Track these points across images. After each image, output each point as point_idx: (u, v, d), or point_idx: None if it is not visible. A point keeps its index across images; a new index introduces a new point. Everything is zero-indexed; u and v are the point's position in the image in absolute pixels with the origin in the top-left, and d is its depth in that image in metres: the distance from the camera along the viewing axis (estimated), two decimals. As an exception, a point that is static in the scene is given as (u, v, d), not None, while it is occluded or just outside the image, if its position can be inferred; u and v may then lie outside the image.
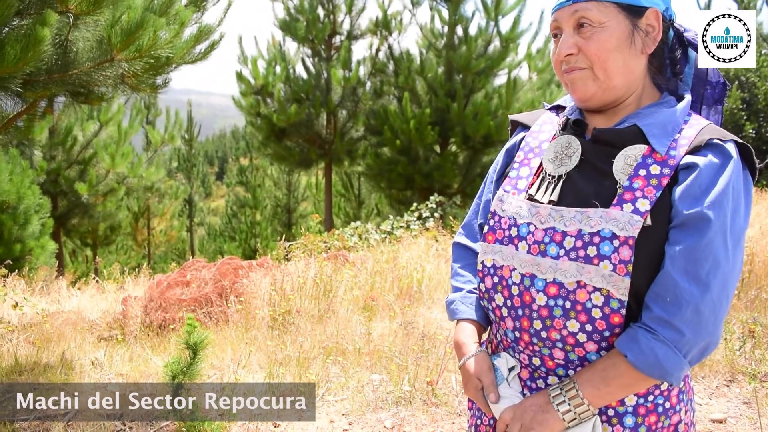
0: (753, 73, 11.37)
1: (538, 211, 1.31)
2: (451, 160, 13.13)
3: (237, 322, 5.04)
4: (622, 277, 1.20)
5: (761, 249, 5.68)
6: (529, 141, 1.46)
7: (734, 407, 3.72)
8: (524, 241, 1.31)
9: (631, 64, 1.29)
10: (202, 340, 2.91)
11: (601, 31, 1.26)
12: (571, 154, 1.34)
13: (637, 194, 1.22)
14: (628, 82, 1.30)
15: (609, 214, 1.22)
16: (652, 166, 1.24)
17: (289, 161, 14.94)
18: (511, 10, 12.94)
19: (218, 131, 73.85)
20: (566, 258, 1.25)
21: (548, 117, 1.49)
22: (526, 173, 1.41)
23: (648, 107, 1.32)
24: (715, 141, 1.23)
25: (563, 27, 1.31)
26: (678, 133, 1.27)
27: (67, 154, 12.75)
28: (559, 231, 1.27)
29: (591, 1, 1.26)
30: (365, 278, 5.96)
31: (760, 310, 4.96)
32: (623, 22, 1.27)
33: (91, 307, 6.19)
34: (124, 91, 4.39)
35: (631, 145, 1.27)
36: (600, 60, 1.26)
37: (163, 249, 19.92)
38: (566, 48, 1.29)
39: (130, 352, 4.65)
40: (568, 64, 1.30)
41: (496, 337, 1.45)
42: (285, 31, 14.21)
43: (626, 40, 1.27)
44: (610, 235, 1.21)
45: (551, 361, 1.31)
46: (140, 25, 3.28)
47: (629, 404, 1.29)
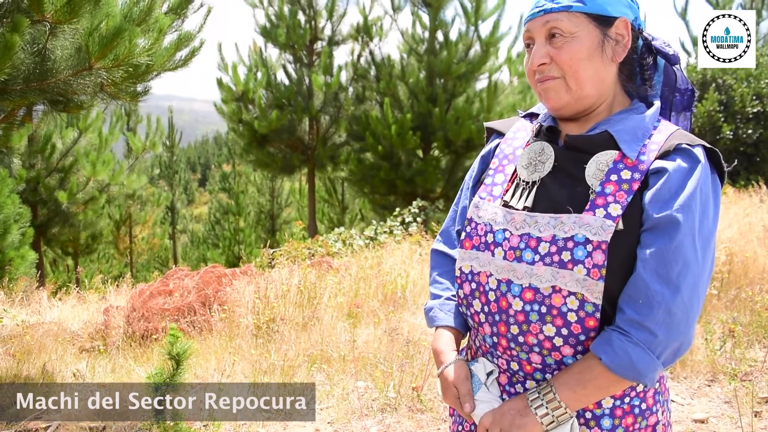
0: (729, 75, 11.51)
1: (513, 217, 1.33)
2: (433, 164, 13.16)
3: (221, 330, 5.00)
4: (596, 281, 1.21)
5: (740, 249, 5.74)
6: (504, 148, 1.48)
7: (716, 407, 3.76)
8: (500, 247, 1.33)
9: (602, 73, 1.31)
10: (186, 350, 2.88)
11: (572, 41, 1.28)
12: (544, 160, 1.36)
13: (609, 199, 1.24)
14: (599, 90, 1.32)
15: (582, 219, 1.24)
16: (623, 172, 1.26)
17: (271, 167, 14.89)
18: (491, 15, 13.01)
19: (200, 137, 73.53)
20: (541, 263, 1.26)
21: (522, 124, 1.51)
22: (500, 180, 1.43)
23: (619, 114, 1.35)
24: (684, 146, 1.26)
25: (535, 37, 1.33)
26: (648, 139, 1.29)
27: (47, 162, 12.60)
28: (534, 237, 1.29)
29: (562, 12, 1.29)
30: (349, 285, 5.94)
31: (739, 310, 5.01)
32: (593, 32, 1.29)
33: (73, 318, 6.12)
34: (103, 100, 4.35)
35: (603, 151, 1.30)
36: (572, 69, 1.29)
37: (145, 257, 19.73)
38: (539, 58, 1.31)
39: (112, 363, 4.60)
40: (542, 74, 1.32)
41: (475, 343, 1.46)
42: (266, 38, 14.17)
43: (597, 49, 1.29)
44: (584, 240, 1.23)
45: (529, 365, 1.33)
46: (118, 33, 3.26)
47: (606, 406, 1.31)
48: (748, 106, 11.24)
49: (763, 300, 4.92)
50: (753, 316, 4.82)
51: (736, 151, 11.33)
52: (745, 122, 11.31)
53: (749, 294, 5.04)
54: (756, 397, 3.68)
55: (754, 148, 11.35)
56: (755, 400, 3.63)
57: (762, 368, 4.09)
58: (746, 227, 6.55)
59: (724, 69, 11.64)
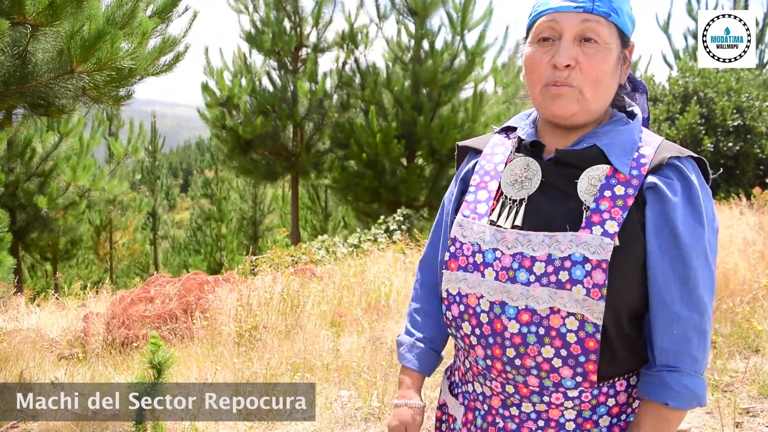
0: (711, 89, 11.64)
1: (504, 236, 1.27)
2: (417, 173, 13.18)
3: (203, 338, 4.95)
4: (597, 301, 1.18)
5: (721, 261, 5.79)
6: (484, 164, 1.42)
7: (697, 418, 3.77)
8: (491, 267, 1.27)
9: (613, 90, 1.29)
10: (167, 359, 2.84)
11: (605, 51, 1.23)
12: (531, 176, 1.31)
13: (605, 216, 1.21)
14: (604, 106, 1.30)
15: (579, 237, 1.20)
16: (616, 187, 1.23)
17: (255, 174, 14.83)
18: (477, 25, 13.08)
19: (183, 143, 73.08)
20: (538, 284, 1.22)
21: (499, 139, 1.45)
22: (484, 197, 1.37)
23: (604, 126, 1.31)
24: (675, 161, 1.24)
25: (564, 32, 1.23)
26: (636, 152, 1.26)
27: (26, 166, 12.43)
28: (528, 256, 1.24)
29: (602, 17, 1.22)
30: (333, 293, 5.91)
31: (720, 321, 5.04)
32: (618, 48, 1.26)
33: (51, 325, 6.02)
34: (85, 103, 4.29)
35: (593, 166, 1.26)
36: (596, 80, 1.23)
37: (126, 263, 19.53)
38: (567, 58, 1.22)
39: (92, 371, 4.53)
40: (560, 77, 1.23)
41: (464, 365, 1.42)
42: (251, 44, 14.14)
43: (617, 66, 1.27)
44: (582, 259, 1.19)
45: (525, 388, 1.28)
46: (100, 36, 3.21)
47: (603, 425, 1.28)
48: (729, 119, 11.38)
49: (744, 311, 4.96)
50: (734, 328, 4.86)
51: (716, 164, 11.46)
52: (725, 135, 11.46)
53: (730, 305, 5.08)
54: (737, 407, 3.70)
55: (735, 160, 11.49)
56: (737, 411, 3.65)
57: (743, 379, 4.11)
58: (727, 239, 6.61)
59: (705, 82, 11.78)
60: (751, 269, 5.77)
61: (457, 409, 1.44)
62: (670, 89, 12.50)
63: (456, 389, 1.47)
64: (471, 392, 1.40)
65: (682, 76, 12.52)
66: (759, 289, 5.36)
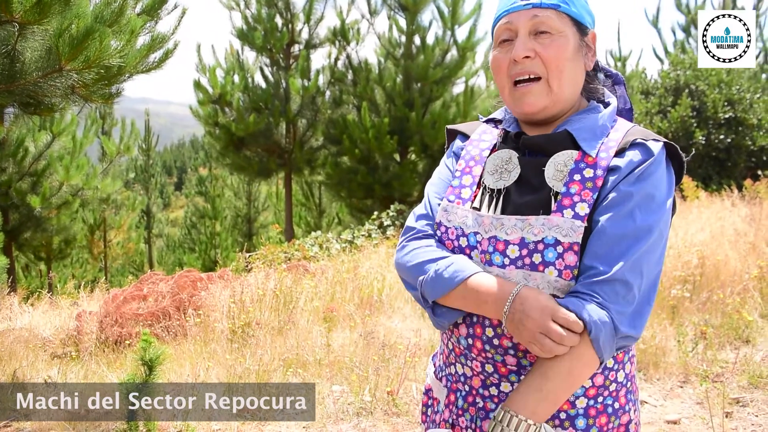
0: (702, 81, 11.67)
1: (482, 220, 1.33)
2: (410, 168, 13.19)
3: (195, 335, 4.95)
4: (568, 282, 1.23)
5: (711, 253, 5.82)
6: (470, 149, 1.47)
7: (688, 408, 3.80)
8: (475, 249, 1.33)
9: (579, 77, 1.34)
10: (159, 355, 2.85)
11: (560, 39, 1.29)
12: (510, 169, 1.35)
13: (575, 199, 1.25)
14: (574, 94, 1.34)
15: (551, 221, 1.24)
16: (585, 170, 1.27)
17: (248, 171, 14.81)
18: (467, 20, 13.09)
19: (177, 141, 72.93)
20: (513, 266, 1.26)
21: (486, 127, 1.51)
22: (468, 182, 1.41)
23: (577, 114, 1.36)
24: (639, 140, 1.28)
25: (519, 30, 1.31)
26: (606, 137, 1.31)
27: (19, 166, 12.38)
28: (501, 240, 1.28)
29: (551, 9, 1.29)
30: (326, 288, 5.92)
31: (711, 312, 5.08)
32: (575, 35, 1.31)
33: (44, 324, 6.01)
34: (75, 102, 4.28)
35: (560, 151, 1.30)
36: (557, 68, 1.29)
37: (120, 262, 19.50)
38: (524, 50, 1.29)
39: (85, 369, 4.53)
40: (523, 68, 1.30)
41: (448, 347, 1.44)
42: (243, 40, 14.10)
43: (578, 52, 1.32)
44: (554, 242, 1.23)
45: (504, 367, 1.31)
46: (88, 34, 3.21)
47: (580, 406, 1.31)
48: (720, 111, 11.42)
49: (734, 302, 5.00)
50: (724, 319, 4.89)
51: (708, 156, 11.50)
52: (717, 128, 11.49)
53: (720, 296, 5.11)
54: (727, 398, 3.73)
55: (726, 153, 11.53)
56: (726, 401, 3.68)
57: (733, 369, 4.14)
58: (718, 231, 6.65)
59: (696, 75, 11.81)
60: (742, 260, 5.81)
61: (441, 391, 1.47)
62: (661, 82, 12.53)
63: (440, 373, 1.50)
64: (453, 374, 1.43)
65: (673, 69, 12.55)
66: (749, 280, 5.39)
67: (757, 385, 3.95)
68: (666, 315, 4.95)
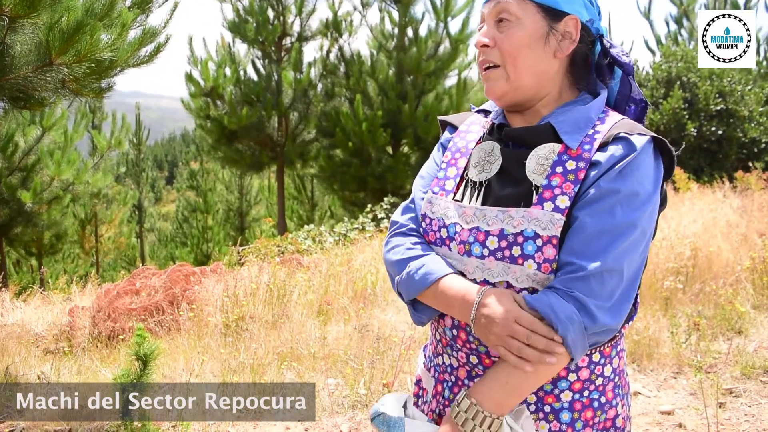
0: (694, 73, 11.70)
1: (464, 210, 1.33)
2: (403, 161, 13.18)
3: (189, 330, 4.94)
4: (547, 275, 1.22)
5: (704, 244, 5.85)
6: (457, 141, 1.47)
7: (681, 399, 3.82)
8: (454, 241, 1.33)
9: (542, 65, 1.31)
10: (153, 350, 2.84)
11: (515, 26, 1.28)
12: (492, 161, 1.35)
13: (556, 191, 1.24)
14: (538, 82, 1.31)
15: (530, 213, 1.24)
16: (567, 162, 1.26)
17: (240, 164, 14.77)
18: (460, 12, 13.06)
19: (168, 135, 72.60)
20: (492, 258, 1.26)
21: (476, 118, 1.50)
22: (453, 173, 1.42)
23: (563, 106, 1.34)
24: (623, 135, 1.25)
25: (486, 20, 1.33)
26: (591, 129, 1.29)
27: (9, 161, 12.29)
28: (482, 230, 1.28)
29: None
30: (319, 282, 5.92)
31: (704, 303, 5.10)
32: (540, 22, 1.29)
33: (37, 319, 5.98)
34: (66, 96, 4.24)
35: (542, 144, 1.29)
36: (511, 56, 1.29)
37: (112, 256, 19.42)
38: (482, 38, 1.31)
39: (78, 364, 4.51)
40: (485, 56, 1.32)
41: (435, 337, 1.45)
42: (234, 33, 14.02)
43: (539, 40, 1.29)
44: (533, 235, 1.22)
45: (488, 358, 1.31)
46: (79, 28, 3.18)
47: (565, 400, 1.31)
48: (712, 103, 11.46)
49: (727, 293, 5.03)
50: (717, 310, 4.92)
51: (700, 148, 11.54)
52: (708, 119, 11.53)
53: (713, 288, 5.14)
54: (720, 388, 3.75)
55: (718, 144, 11.57)
56: (720, 392, 3.70)
57: (726, 360, 4.17)
58: (710, 222, 6.67)
59: (687, 67, 11.84)
60: (734, 252, 5.84)
61: (429, 381, 1.48)
62: (653, 74, 12.55)
63: (429, 363, 1.50)
64: (441, 365, 1.44)
65: (665, 61, 12.57)
66: (742, 272, 5.42)
67: (750, 376, 3.98)
68: (659, 306, 4.97)
